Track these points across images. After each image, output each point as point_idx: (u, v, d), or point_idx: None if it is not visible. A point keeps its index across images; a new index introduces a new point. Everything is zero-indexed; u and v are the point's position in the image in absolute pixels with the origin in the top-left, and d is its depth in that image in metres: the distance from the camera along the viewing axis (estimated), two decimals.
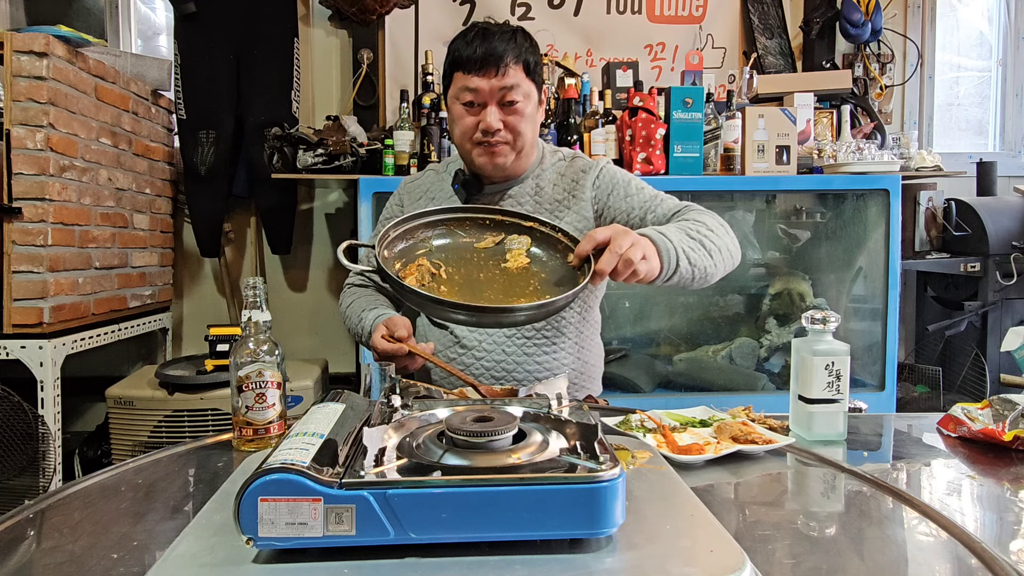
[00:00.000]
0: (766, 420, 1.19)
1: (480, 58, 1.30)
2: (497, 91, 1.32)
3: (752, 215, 2.90)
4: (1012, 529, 0.86)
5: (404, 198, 1.54)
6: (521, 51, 1.33)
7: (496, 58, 1.30)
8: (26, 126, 2.14)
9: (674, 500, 0.77)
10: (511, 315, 1.05)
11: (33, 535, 0.80)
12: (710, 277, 1.26)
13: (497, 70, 1.31)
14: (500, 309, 1.04)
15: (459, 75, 1.34)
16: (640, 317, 2.89)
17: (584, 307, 1.48)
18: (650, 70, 3.14)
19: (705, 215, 1.33)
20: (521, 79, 1.33)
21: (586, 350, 1.51)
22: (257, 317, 1.05)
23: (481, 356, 1.43)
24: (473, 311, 1.02)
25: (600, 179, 1.43)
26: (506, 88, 1.32)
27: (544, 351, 1.43)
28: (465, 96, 1.34)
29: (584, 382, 1.51)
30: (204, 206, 2.93)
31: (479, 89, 1.32)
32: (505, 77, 1.31)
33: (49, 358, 2.17)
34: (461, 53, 1.32)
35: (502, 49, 1.31)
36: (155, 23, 3.32)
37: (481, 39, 1.31)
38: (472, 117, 1.35)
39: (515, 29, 1.37)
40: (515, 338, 1.42)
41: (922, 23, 3.29)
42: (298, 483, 0.62)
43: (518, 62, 1.33)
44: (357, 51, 3.02)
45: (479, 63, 1.30)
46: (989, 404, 1.18)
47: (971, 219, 2.93)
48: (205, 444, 1.11)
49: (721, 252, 1.27)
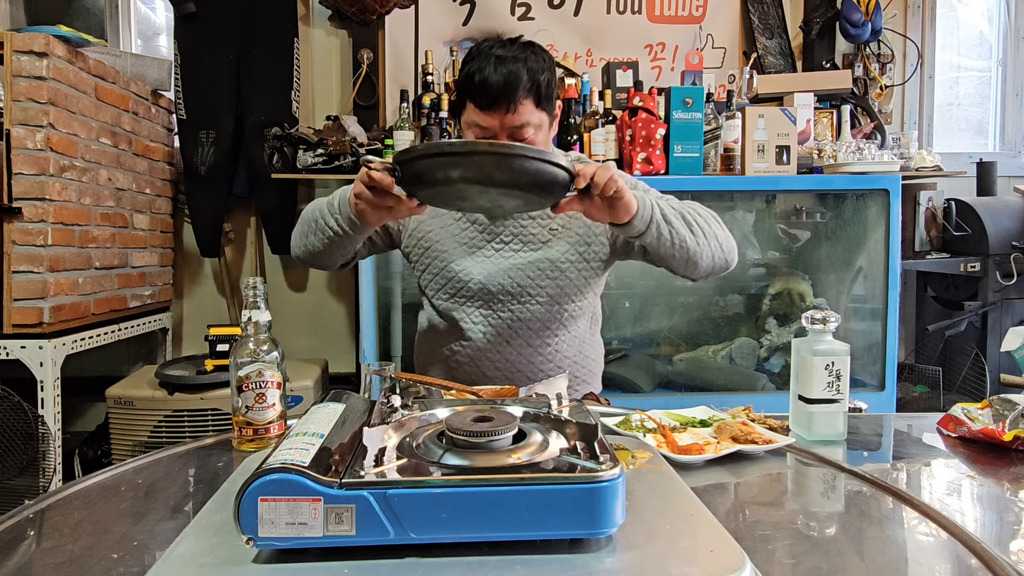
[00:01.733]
0: (766, 420, 1.19)
1: (490, 95, 1.29)
2: (507, 128, 1.32)
3: (752, 215, 2.90)
4: (1012, 529, 0.86)
5: None
6: (533, 79, 1.31)
7: (506, 96, 1.29)
8: (26, 126, 2.14)
9: (674, 500, 0.77)
10: (516, 152, 1.05)
11: (33, 535, 0.80)
12: (692, 254, 1.30)
13: (507, 108, 1.30)
14: (507, 144, 1.07)
15: (471, 106, 1.34)
16: (640, 317, 2.89)
17: (585, 302, 1.49)
18: (650, 70, 3.14)
19: (700, 207, 1.37)
20: (531, 113, 1.33)
21: (588, 345, 1.53)
22: (257, 317, 1.05)
23: (485, 348, 1.45)
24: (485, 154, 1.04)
25: None
26: (515, 127, 1.32)
27: (547, 343, 1.45)
28: (476, 130, 1.35)
29: (585, 376, 1.52)
30: (204, 206, 2.93)
31: (489, 126, 1.33)
32: (515, 115, 1.31)
33: (49, 358, 2.17)
34: (472, 81, 1.31)
35: (513, 84, 1.29)
36: (155, 23, 3.31)
37: (493, 70, 1.29)
38: None
39: (527, 53, 1.33)
40: (519, 330, 1.44)
41: (922, 23, 3.29)
42: (298, 483, 0.62)
43: (529, 94, 1.31)
44: (357, 51, 3.02)
45: (489, 101, 1.30)
46: (989, 404, 1.18)
47: (971, 219, 2.93)
48: (205, 444, 1.11)
49: (706, 235, 1.31)
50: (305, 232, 1.39)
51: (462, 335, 1.46)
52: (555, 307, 1.45)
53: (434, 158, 1.06)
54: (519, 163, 1.05)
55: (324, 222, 1.33)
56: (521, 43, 1.36)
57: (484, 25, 3.08)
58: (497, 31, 3.07)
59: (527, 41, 1.37)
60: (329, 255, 1.38)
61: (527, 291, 1.43)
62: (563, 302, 1.46)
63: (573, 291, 1.46)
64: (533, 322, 1.44)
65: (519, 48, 1.34)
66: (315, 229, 1.35)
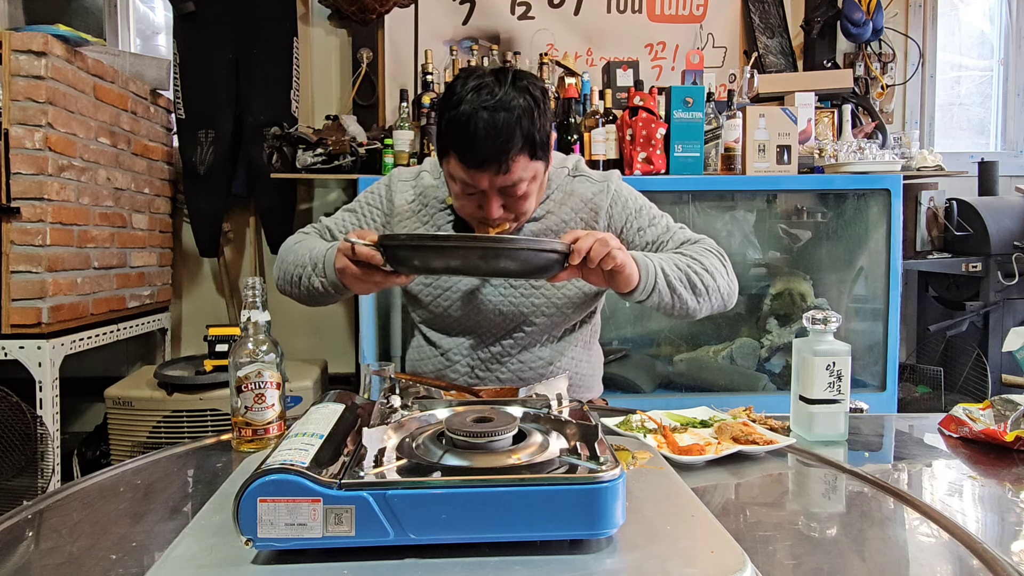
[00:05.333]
0: (767, 420, 1.18)
1: (479, 157, 1.15)
2: (498, 186, 1.19)
3: (753, 215, 2.90)
4: (1014, 530, 0.86)
5: (396, 195, 1.41)
6: (527, 133, 1.16)
7: (497, 157, 1.14)
8: (24, 125, 2.13)
9: (674, 501, 0.77)
10: (504, 246, 1.03)
11: (31, 536, 0.80)
12: (692, 313, 1.26)
13: (499, 168, 1.15)
14: (496, 238, 1.07)
15: (455, 159, 1.18)
16: (640, 317, 2.88)
17: (582, 322, 1.44)
18: (650, 69, 3.14)
19: (709, 255, 1.29)
20: (525, 168, 1.18)
21: (585, 362, 1.46)
22: (256, 317, 1.05)
23: (475, 381, 1.38)
24: (478, 244, 1.03)
25: (612, 208, 1.37)
26: (507, 186, 1.19)
27: (541, 373, 1.38)
28: (463, 187, 1.21)
29: (581, 393, 1.45)
30: (203, 206, 2.93)
31: (478, 185, 1.19)
32: (508, 175, 1.17)
33: (48, 358, 2.17)
34: (456, 138, 1.15)
35: (504, 143, 1.13)
36: (154, 22, 3.31)
37: (483, 132, 1.13)
38: (472, 202, 1.24)
39: (517, 101, 1.15)
40: (510, 363, 1.37)
41: (923, 22, 3.29)
42: (297, 484, 0.62)
43: (522, 151, 1.16)
44: (357, 50, 3.02)
45: (478, 162, 1.15)
46: (990, 404, 1.17)
47: (972, 219, 2.92)
48: (204, 445, 1.11)
49: (708, 293, 1.25)
50: (288, 282, 1.32)
51: (452, 367, 1.39)
52: (550, 340, 1.39)
53: (417, 250, 1.03)
54: (508, 255, 1.02)
55: (308, 281, 1.26)
56: (510, 84, 1.17)
57: (484, 24, 3.08)
58: (497, 31, 3.08)
59: (515, 76, 1.19)
60: (318, 304, 1.34)
61: (521, 327, 1.35)
62: (558, 333, 1.39)
63: (570, 320, 1.39)
64: (526, 355, 1.37)
65: (509, 92, 1.16)
66: (298, 284, 1.29)
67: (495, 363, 1.37)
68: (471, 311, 1.35)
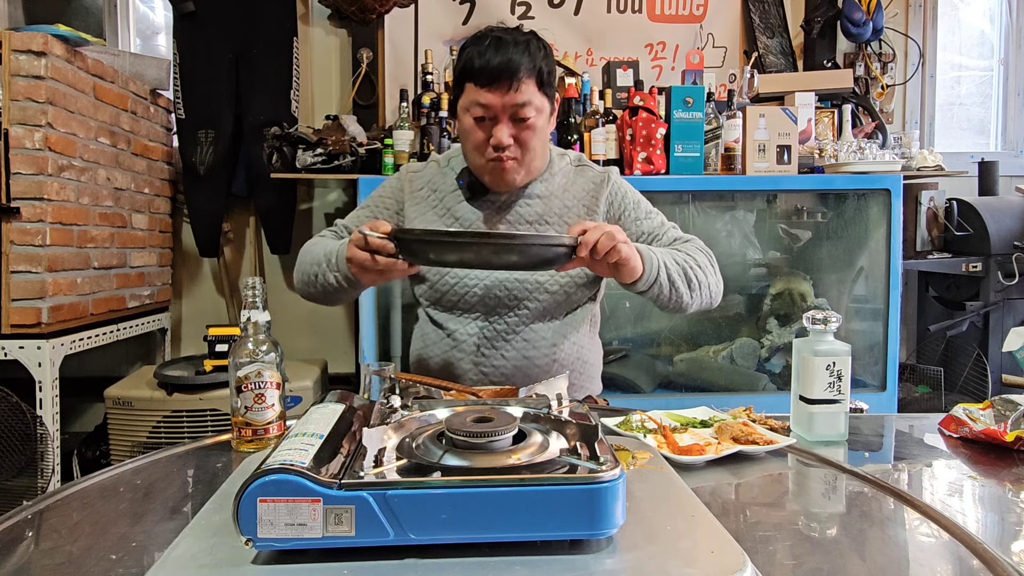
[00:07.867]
0: (767, 420, 1.18)
1: (492, 72, 1.27)
2: (509, 107, 1.29)
3: (753, 215, 2.90)
4: (1014, 530, 0.86)
5: (406, 184, 1.51)
6: (535, 62, 1.30)
7: (509, 73, 1.27)
8: (24, 125, 2.13)
9: (675, 501, 0.77)
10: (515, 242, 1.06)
11: (31, 536, 0.80)
12: (684, 307, 1.34)
13: (510, 85, 1.27)
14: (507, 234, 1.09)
15: (470, 87, 1.31)
16: (640, 317, 2.88)
17: (585, 309, 1.47)
18: (650, 69, 3.14)
19: (700, 254, 1.39)
20: (533, 93, 1.30)
21: (587, 350, 1.50)
22: (256, 317, 1.05)
23: (481, 360, 1.42)
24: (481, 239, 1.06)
25: (612, 196, 1.46)
26: (518, 105, 1.29)
27: (545, 353, 1.42)
28: (476, 111, 1.31)
29: (583, 382, 1.50)
30: (203, 206, 2.93)
31: (491, 104, 1.29)
32: (518, 93, 1.28)
33: (47, 358, 2.17)
34: (473, 63, 1.29)
35: (516, 62, 1.27)
36: (154, 22, 3.31)
37: (494, 50, 1.27)
38: (483, 132, 1.33)
39: (529, 37, 1.33)
40: (516, 342, 1.41)
41: (923, 22, 3.29)
42: (297, 484, 0.62)
43: (531, 75, 1.29)
44: (357, 50, 3.02)
45: (491, 78, 1.27)
46: (991, 404, 1.17)
47: (973, 219, 2.92)
48: (204, 445, 1.11)
49: (700, 288, 1.34)
50: (306, 282, 1.39)
51: (458, 346, 1.43)
52: (554, 319, 1.43)
53: (431, 244, 1.07)
54: (518, 250, 1.06)
55: (324, 277, 1.33)
56: (522, 30, 1.34)
57: (484, 24, 3.05)
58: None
59: (528, 30, 1.36)
60: (335, 302, 1.41)
61: (524, 304, 1.40)
62: (562, 313, 1.43)
63: (573, 301, 1.43)
64: (531, 333, 1.41)
65: (520, 33, 1.33)
66: (314, 282, 1.35)
67: (500, 340, 1.41)
68: (476, 286, 1.40)
